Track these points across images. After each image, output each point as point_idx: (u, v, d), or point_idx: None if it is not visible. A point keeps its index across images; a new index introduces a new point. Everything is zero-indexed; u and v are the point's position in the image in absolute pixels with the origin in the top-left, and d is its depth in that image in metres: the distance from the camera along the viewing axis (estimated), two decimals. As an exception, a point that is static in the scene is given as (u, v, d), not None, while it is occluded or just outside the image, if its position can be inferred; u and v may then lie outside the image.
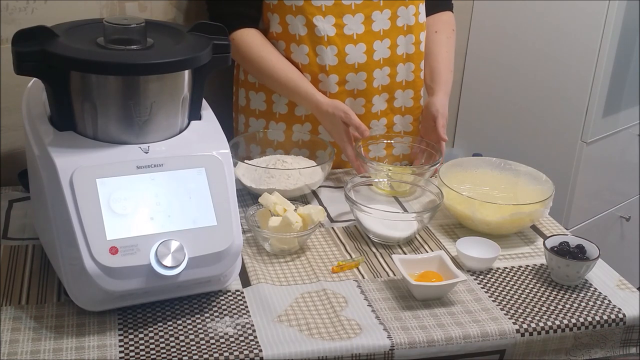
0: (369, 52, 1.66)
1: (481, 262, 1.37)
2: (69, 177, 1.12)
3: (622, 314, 1.28)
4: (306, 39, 1.64)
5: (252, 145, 1.72)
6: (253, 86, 1.75)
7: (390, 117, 1.77)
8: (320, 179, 1.62)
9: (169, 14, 1.78)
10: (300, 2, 1.60)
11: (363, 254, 1.41)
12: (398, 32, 1.68)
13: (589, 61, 2.20)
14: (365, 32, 1.65)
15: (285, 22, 1.64)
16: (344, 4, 1.61)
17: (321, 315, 1.22)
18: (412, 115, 1.80)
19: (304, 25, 1.63)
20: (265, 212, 1.41)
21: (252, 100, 1.76)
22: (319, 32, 1.62)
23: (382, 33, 1.66)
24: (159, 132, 1.22)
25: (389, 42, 1.68)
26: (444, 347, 1.19)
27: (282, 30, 1.65)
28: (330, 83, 1.67)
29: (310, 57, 1.65)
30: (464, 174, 1.61)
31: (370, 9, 1.63)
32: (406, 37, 1.70)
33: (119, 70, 1.15)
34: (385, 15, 1.65)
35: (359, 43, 1.65)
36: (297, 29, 1.63)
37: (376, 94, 1.72)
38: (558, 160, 2.33)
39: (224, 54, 1.25)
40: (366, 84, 1.69)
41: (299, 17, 1.62)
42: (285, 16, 1.63)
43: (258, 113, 1.76)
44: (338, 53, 1.64)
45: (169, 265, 1.13)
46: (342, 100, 1.68)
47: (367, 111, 1.73)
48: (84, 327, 1.16)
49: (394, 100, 1.76)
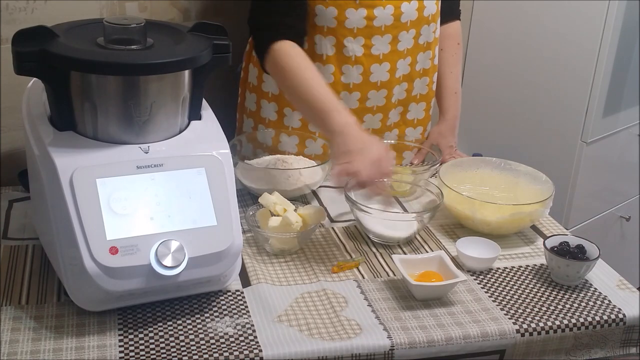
0: (392, 70, 1.66)
1: (481, 262, 1.37)
2: (69, 177, 1.12)
3: (622, 314, 1.28)
4: (333, 58, 1.63)
5: (252, 145, 1.72)
6: (266, 95, 1.72)
7: (402, 128, 1.77)
8: (320, 179, 1.62)
9: (169, 14, 1.78)
10: (333, 23, 1.59)
11: (363, 254, 1.41)
12: (419, 49, 1.69)
13: (589, 61, 2.20)
14: (391, 51, 1.64)
15: (312, 42, 1.62)
16: (374, 25, 1.60)
17: (321, 315, 1.22)
18: (422, 126, 1.81)
19: (332, 46, 1.62)
20: (265, 212, 1.41)
21: (264, 108, 1.74)
22: (348, 52, 1.62)
23: (405, 52, 1.66)
24: (159, 132, 1.22)
25: (410, 60, 1.68)
26: (444, 347, 1.19)
27: (307, 49, 1.62)
28: (352, 100, 1.66)
29: (336, 76, 1.64)
30: (464, 174, 1.61)
31: (398, 29, 1.63)
32: (425, 53, 1.70)
33: (119, 70, 1.15)
34: (410, 35, 1.65)
35: (384, 62, 1.64)
36: (326, 49, 1.62)
37: (392, 108, 1.72)
38: (558, 160, 2.33)
39: (224, 54, 1.25)
40: (385, 100, 1.70)
41: (329, 37, 1.61)
42: (314, 36, 1.62)
43: (268, 122, 1.74)
44: (363, 72, 1.64)
45: (169, 265, 1.13)
46: (362, 116, 1.68)
47: (383, 125, 1.73)
48: (84, 327, 1.16)
49: (408, 113, 1.76)
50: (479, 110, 2.53)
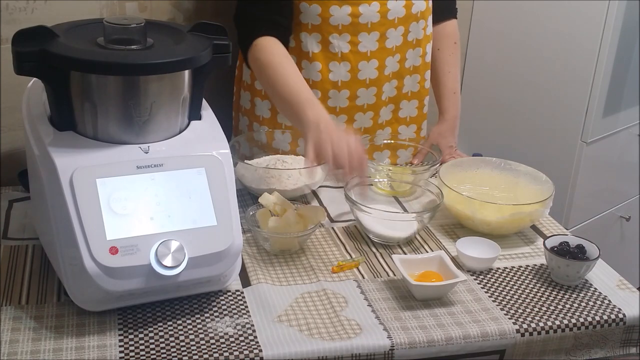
0: (381, 67, 1.66)
1: (481, 262, 1.37)
2: (69, 177, 1.12)
3: (622, 314, 1.28)
4: (320, 55, 1.63)
5: (252, 145, 1.72)
6: (259, 93, 1.73)
7: (395, 126, 1.77)
8: (320, 179, 1.62)
9: (169, 14, 1.78)
10: (317, 20, 1.59)
11: (363, 254, 1.41)
12: (408, 46, 1.68)
13: (589, 61, 2.20)
14: (379, 48, 1.64)
15: (299, 39, 1.63)
16: (360, 22, 1.60)
17: (321, 315, 1.22)
18: (416, 124, 1.81)
19: (318, 43, 1.62)
20: (265, 212, 1.41)
21: (258, 106, 1.75)
22: (334, 48, 1.62)
23: (394, 49, 1.66)
24: (159, 132, 1.22)
25: (399, 57, 1.68)
26: (444, 347, 1.19)
27: (295, 46, 1.64)
28: (342, 98, 1.67)
29: (323, 74, 1.64)
30: (464, 174, 1.61)
31: (385, 27, 1.63)
32: (414, 50, 1.70)
33: (119, 70, 1.15)
34: (399, 32, 1.65)
35: (371, 59, 1.64)
36: (312, 47, 1.62)
37: (383, 106, 1.72)
38: (558, 160, 2.33)
39: (224, 54, 1.25)
40: (375, 98, 1.70)
41: (315, 34, 1.61)
42: (299, 33, 1.62)
43: (262, 120, 1.75)
44: (351, 69, 1.64)
45: (169, 265, 1.12)
46: (352, 114, 1.68)
47: (374, 123, 1.73)
48: (84, 327, 1.16)
49: (400, 111, 1.76)
50: (479, 110, 2.53)
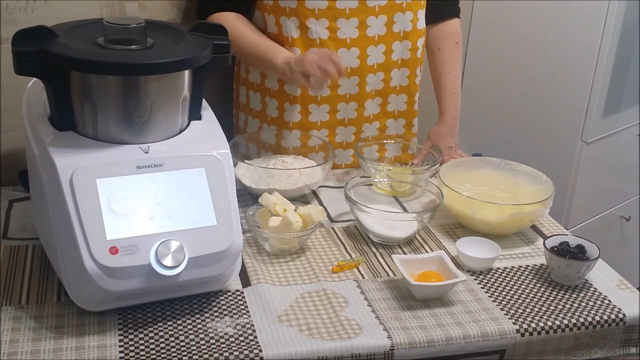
0: (362, 57, 1.66)
1: (481, 262, 1.37)
2: (69, 177, 1.12)
3: (622, 314, 1.28)
4: (299, 41, 1.63)
5: (252, 145, 1.72)
6: (252, 85, 1.75)
7: (382, 120, 1.77)
8: (320, 179, 1.62)
9: (169, 14, 1.78)
10: (293, 3, 1.60)
11: (363, 254, 1.41)
12: (394, 37, 1.68)
13: (589, 61, 2.20)
14: (360, 37, 1.64)
15: (279, 24, 1.64)
16: (338, 7, 1.60)
17: (321, 315, 1.22)
18: (405, 119, 1.80)
19: (297, 28, 1.62)
20: (265, 212, 1.41)
21: (251, 99, 1.76)
22: (312, 34, 1.62)
23: (377, 38, 1.65)
24: (159, 132, 1.22)
25: (383, 48, 1.67)
26: (444, 347, 1.19)
27: (277, 32, 1.65)
28: None
29: None
30: (464, 174, 1.61)
31: (365, 14, 1.62)
32: (402, 43, 1.69)
33: (119, 70, 1.15)
34: (380, 21, 1.64)
35: (352, 47, 1.64)
36: (291, 31, 1.63)
37: (369, 98, 1.72)
38: (558, 160, 2.33)
39: (224, 54, 1.25)
40: (358, 88, 1.69)
41: (292, 19, 1.61)
42: (279, 17, 1.63)
43: (254, 113, 1.76)
44: None
45: (169, 265, 1.12)
46: (334, 104, 1.69)
47: (360, 115, 1.73)
48: (84, 327, 1.16)
49: (388, 105, 1.75)
50: (479, 110, 2.53)
